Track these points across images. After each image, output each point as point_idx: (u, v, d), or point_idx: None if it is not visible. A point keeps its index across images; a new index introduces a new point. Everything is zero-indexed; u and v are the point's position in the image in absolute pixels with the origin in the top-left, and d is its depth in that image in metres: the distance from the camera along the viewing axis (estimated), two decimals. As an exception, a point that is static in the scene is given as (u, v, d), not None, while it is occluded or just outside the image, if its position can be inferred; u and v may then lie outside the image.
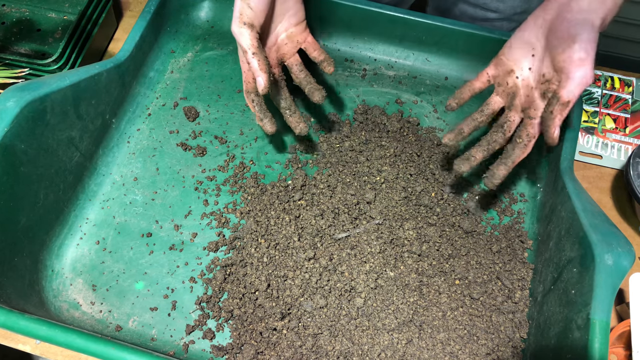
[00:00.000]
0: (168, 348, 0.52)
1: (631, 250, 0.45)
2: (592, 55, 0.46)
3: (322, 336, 0.52)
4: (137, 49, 0.64)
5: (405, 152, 0.62)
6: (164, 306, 0.55)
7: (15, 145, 0.50)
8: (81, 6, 0.66)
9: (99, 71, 0.58)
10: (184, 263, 0.57)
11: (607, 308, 0.43)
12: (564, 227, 0.52)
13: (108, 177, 0.62)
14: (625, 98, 0.69)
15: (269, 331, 0.52)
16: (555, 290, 0.51)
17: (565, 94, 0.46)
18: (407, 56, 0.71)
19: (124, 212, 0.60)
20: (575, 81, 0.46)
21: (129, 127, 0.65)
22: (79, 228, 0.59)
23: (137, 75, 0.66)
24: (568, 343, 0.46)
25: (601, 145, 0.66)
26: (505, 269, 0.56)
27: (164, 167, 0.63)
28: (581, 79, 0.46)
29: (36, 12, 0.66)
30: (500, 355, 0.52)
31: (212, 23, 0.73)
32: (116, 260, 0.57)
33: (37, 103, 0.52)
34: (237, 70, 0.69)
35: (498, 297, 0.55)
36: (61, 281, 0.56)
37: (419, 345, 0.52)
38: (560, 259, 0.51)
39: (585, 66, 0.46)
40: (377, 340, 0.52)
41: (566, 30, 0.47)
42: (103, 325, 0.53)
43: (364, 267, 0.55)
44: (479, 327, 0.53)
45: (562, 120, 0.48)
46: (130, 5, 0.76)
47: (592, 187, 0.63)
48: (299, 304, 0.54)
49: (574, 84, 0.46)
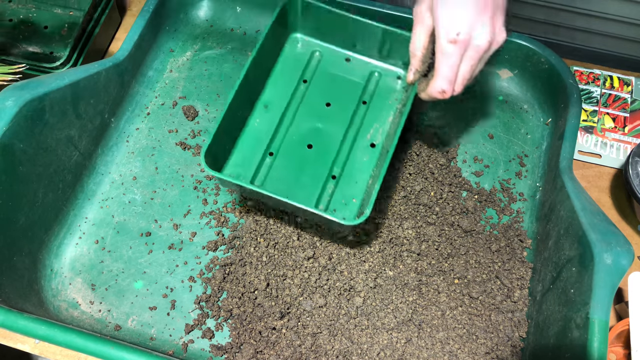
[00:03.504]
0: (167, 347, 0.52)
1: (630, 249, 0.45)
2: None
3: (322, 335, 0.52)
4: (136, 48, 0.64)
5: (404, 151, 0.62)
6: (163, 305, 0.55)
7: (14, 145, 0.50)
8: (87, 3, 0.66)
9: (97, 70, 0.58)
10: (183, 262, 0.57)
11: (606, 307, 0.43)
12: (563, 227, 0.52)
13: (107, 176, 0.62)
14: (624, 97, 0.69)
15: (268, 330, 0.52)
16: (554, 289, 0.51)
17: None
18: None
19: (123, 212, 0.60)
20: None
21: (128, 127, 0.65)
22: (78, 227, 0.59)
23: (136, 74, 0.66)
24: (567, 342, 0.46)
25: (600, 144, 0.66)
26: (505, 268, 0.56)
27: (163, 166, 0.62)
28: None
29: (42, 8, 0.66)
30: (500, 355, 0.52)
31: (211, 22, 0.72)
32: (115, 259, 0.57)
33: (36, 102, 0.52)
34: (236, 69, 0.69)
35: (497, 296, 0.55)
36: (60, 280, 0.56)
37: (418, 344, 0.52)
38: (560, 258, 0.51)
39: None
40: (376, 340, 0.52)
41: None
42: (102, 325, 0.53)
43: (363, 267, 0.55)
44: (478, 326, 0.53)
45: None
46: (130, 4, 0.76)
47: (591, 186, 0.63)
48: (298, 303, 0.54)
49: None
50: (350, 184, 0.56)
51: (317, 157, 0.57)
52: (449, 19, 0.45)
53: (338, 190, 0.56)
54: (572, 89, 0.60)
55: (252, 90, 0.58)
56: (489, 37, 0.46)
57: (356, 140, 0.58)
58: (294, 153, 0.57)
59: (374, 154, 0.57)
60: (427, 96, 0.52)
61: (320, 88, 0.61)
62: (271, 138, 0.58)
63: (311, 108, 0.59)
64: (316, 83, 0.61)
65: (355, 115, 0.59)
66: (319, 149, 0.57)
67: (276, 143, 0.58)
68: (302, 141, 0.58)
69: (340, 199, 0.55)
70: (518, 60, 0.66)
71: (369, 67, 0.62)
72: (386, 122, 0.59)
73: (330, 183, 0.56)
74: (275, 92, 0.60)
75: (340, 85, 0.61)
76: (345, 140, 0.58)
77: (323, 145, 0.58)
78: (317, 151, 0.57)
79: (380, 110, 0.60)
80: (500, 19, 0.47)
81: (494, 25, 0.46)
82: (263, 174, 0.56)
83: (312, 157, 0.57)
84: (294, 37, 0.62)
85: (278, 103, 0.59)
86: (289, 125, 0.58)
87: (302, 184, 0.55)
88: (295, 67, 0.61)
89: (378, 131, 0.58)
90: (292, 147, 0.57)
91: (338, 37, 0.61)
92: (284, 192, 0.55)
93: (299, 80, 0.61)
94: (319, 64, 0.62)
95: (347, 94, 0.60)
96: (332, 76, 0.61)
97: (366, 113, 0.60)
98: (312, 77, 0.61)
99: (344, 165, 0.57)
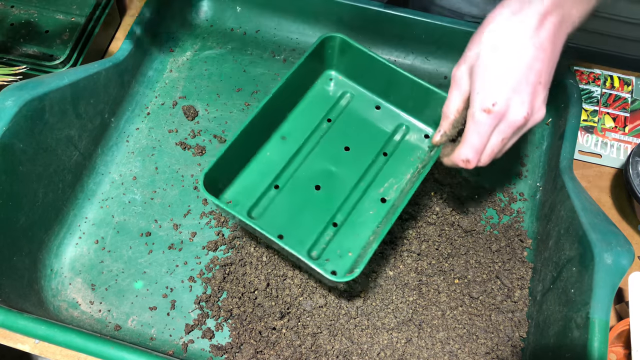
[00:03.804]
0: (167, 347, 0.52)
1: (630, 249, 0.45)
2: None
3: (322, 335, 0.52)
4: (136, 48, 0.64)
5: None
6: (163, 305, 0.55)
7: (14, 145, 0.50)
8: (89, 8, 0.66)
9: (97, 70, 0.58)
10: (183, 262, 0.57)
11: (607, 307, 0.43)
12: (563, 226, 0.52)
13: (107, 176, 0.62)
14: (624, 97, 0.69)
15: (268, 330, 0.52)
16: (554, 289, 0.51)
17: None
18: (407, 55, 0.70)
19: (123, 212, 0.60)
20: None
21: (128, 126, 0.65)
22: (78, 227, 0.59)
23: (136, 74, 0.66)
24: (567, 342, 0.46)
25: (600, 144, 0.66)
26: (505, 268, 0.56)
27: (163, 166, 0.62)
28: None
29: (44, 13, 0.66)
30: (500, 354, 0.52)
31: (212, 22, 0.72)
32: (115, 259, 0.57)
33: (36, 102, 0.52)
34: (236, 69, 0.69)
35: (497, 296, 0.54)
36: (60, 280, 0.56)
37: (418, 344, 0.52)
38: (560, 258, 0.51)
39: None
40: (377, 340, 0.52)
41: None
42: (102, 325, 0.53)
43: (363, 266, 0.55)
44: (479, 326, 0.53)
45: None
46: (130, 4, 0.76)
47: (591, 186, 0.63)
48: (299, 303, 0.54)
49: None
50: (350, 236, 0.53)
51: (322, 200, 0.55)
52: (487, 87, 0.43)
53: (336, 239, 0.53)
54: (572, 88, 0.60)
55: (271, 120, 0.56)
56: (526, 114, 0.43)
57: (367, 191, 0.56)
58: (300, 191, 0.55)
59: (382, 209, 0.54)
60: (450, 162, 0.49)
61: (343, 130, 0.58)
62: (280, 171, 0.56)
63: (329, 149, 0.57)
64: (340, 124, 0.59)
65: (372, 165, 0.57)
66: (327, 192, 0.55)
67: (284, 177, 0.56)
68: (311, 180, 0.56)
69: (336, 249, 0.53)
70: (518, 60, 0.66)
71: (398, 119, 0.59)
72: (403, 178, 0.56)
73: (330, 230, 0.53)
74: (296, 126, 0.58)
75: (364, 131, 0.58)
76: (355, 189, 0.55)
77: (332, 189, 0.55)
78: (325, 194, 0.55)
79: (399, 165, 0.57)
80: (542, 96, 0.44)
81: (533, 101, 0.43)
82: (263, 206, 0.54)
83: (318, 199, 0.55)
84: (328, 73, 0.61)
85: (296, 137, 0.57)
86: (302, 162, 0.56)
87: (300, 225, 0.53)
88: (323, 104, 0.59)
89: (392, 187, 0.56)
90: (299, 185, 0.55)
91: (372, 82, 0.59)
92: (280, 229, 0.53)
93: (323, 118, 0.59)
94: (347, 105, 0.60)
95: (369, 142, 0.58)
96: (358, 120, 0.59)
97: (384, 165, 0.57)
98: (338, 117, 0.59)
99: (349, 214, 0.54)
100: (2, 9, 0.66)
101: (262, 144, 0.57)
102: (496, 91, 0.42)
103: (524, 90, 0.42)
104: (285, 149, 0.57)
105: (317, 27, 0.71)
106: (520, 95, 0.42)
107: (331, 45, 0.58)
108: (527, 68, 0.42)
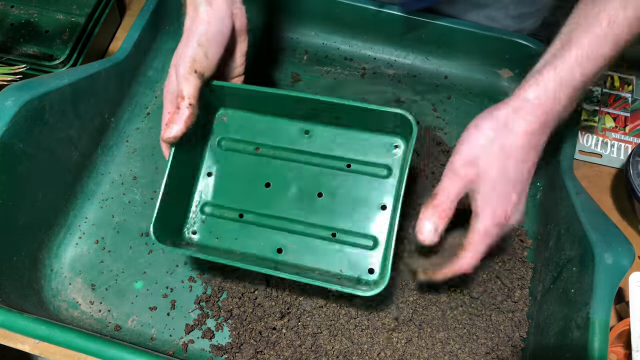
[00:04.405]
0: (167, 347, 0.52)
1: (631, 249, 0.45)
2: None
3: (322, 335, 0.52)
4: (136, 48, 0.64)
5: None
6: (163, 305, 0.55)
7: (13, 145, 0.50)
8: (89, 8, 0.66)
9: (97, 70, 0.58)
10: (183, 262, 0.57)
11: (607, 307, 0.43)
12: (563, 226, 0.52)
13: (107, 176, 0.62)
14: (625, 97, 0.69)
15: (268, 330, 0.52)
16: (554, 289, 0.51)
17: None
18: (407, 55, 0.70)
19: (123, 212, 0.59)
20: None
21: (128, 126, 0.65)
22: (77, 227, 0.59)
23: (136, 74, 0.66)
24: (567, 342, 0.46)
25: (601, 144, 0.66)
26: (505, 268, 0.56)
27: (163, 166, 0.62)
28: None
29: (44, 13, 0.66)
30: (500, 354, 0.52)
31: (211, 22, 0.72)
32: (115, 259, 0.57)
33: (36, 102, 0.52)
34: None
35: (498, 296, 0.54)
36: (60, 280, 0.56)
37: (418, 344, 0.52)
38: (560, 258, 0.51)
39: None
40: (377, 340, 0.52)
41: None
42: (102, 325, 0.53)
43: (363, 266, 0.55)
44: (479, 326, 0.53)
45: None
46: (130, 4, 0.76)
47: (591, 186, 0.63)
48: (299, 303, 0.54)
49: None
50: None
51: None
52: (500, 202, 0.44)
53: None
54: (572, 88, 0.60)
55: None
56: (519, 218, 0.46)
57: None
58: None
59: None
60: (442, 276, 0.47)
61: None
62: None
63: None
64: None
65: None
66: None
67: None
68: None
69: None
70: (518, 60, 0.66)
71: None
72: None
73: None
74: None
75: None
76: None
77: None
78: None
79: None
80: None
81: (510, 209, 0.45)
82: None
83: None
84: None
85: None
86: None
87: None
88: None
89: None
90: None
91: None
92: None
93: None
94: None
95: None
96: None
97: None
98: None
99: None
100: (2, 9, 0.66)
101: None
102: (507, 204, 0.44)
103: (522, 197, 0.45)
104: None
105: (317, 27, 0.71)
106: (520, 202, 0.45)
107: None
108: (522, 180, 0.45)
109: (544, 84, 0.43)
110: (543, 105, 0.43)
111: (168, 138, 0.47)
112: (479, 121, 0.45)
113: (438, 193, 0.45)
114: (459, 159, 0.45)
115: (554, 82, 0.43)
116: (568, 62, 0.43)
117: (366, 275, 0.50)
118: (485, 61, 0.68)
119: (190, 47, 0.46)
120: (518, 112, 0.43)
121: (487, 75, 0.69)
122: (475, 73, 0.69)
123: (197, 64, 0.46)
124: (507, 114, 0.44)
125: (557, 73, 0.43)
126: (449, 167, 0.45)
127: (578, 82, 0.43)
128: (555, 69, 0.43)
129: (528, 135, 0.43)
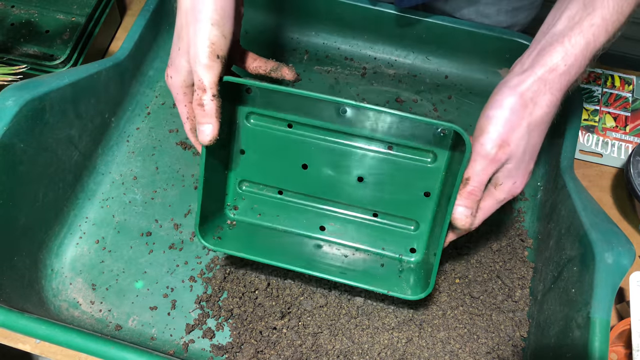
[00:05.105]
0: (168, 347, 0.52)
1: (631, 248, 0.45)
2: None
3: (322, 335, 0.52)
4: (137, 47, 0.64)
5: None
6: (163, 305, 0.55)
7: (14, 144, 0.50)
8: (89, 8, 0.66)
9: (98, 70, 0.58)
10: (183, 262, 0.57)
11: (608, 307, 0.43)
12: (564, 226, 0.52)
13: (107, 176, 0.62)
14: (625, 96, 0.69)
15: (268, 330, 0.52)
16: (555, 289, 0.51)
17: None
18: (407, 55, 0.70)
19: (124, 211, 0.60)
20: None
21: (129, 126, 0.65)
22: (78, 227, 0.59)
23: (137, 74, 0.66)
24: (568, 342, 0.46)
25: (601, 143, 0.66)
26: (506, 267, 0.56)
27: (164, 166, 0.62)
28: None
29: (45, 13, 0.66)
30: (501, 354, 0.52)
31: (212, 21, 0.72)
32: (116, 259, 0.57)
33: (36, 102, 0.52)
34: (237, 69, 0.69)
35: (498, 296, 0.54)
36: (61, 280, 0.56)
37: (419, 344, 0.52)
38: (561, 258, 0.51)
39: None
40: (377, 339, 0.52)
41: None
42: (103, 325, 0.53)
43: (363, 266, 0.55)
44: (479, 326, 0.53)
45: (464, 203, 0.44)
46: (130, 4, 0.76)
47: (592, 186, 0.63)
48: (299, 303, 0.54)
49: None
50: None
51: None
52: (519, 176, 0.45)
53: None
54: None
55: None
56: (521, 189, 0.46)
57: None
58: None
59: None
60: (454, 235, 0.48)
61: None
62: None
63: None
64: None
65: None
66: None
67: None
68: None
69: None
70: (519, 60, 0.66)
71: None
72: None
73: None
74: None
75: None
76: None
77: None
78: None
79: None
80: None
81: (527, 178, 0.46)
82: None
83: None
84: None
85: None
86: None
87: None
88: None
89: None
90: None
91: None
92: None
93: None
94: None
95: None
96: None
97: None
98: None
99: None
100: (3, 9, 0.66)
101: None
102: (523, 178, 0.46)
103: (529, 167, 0.46)
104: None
105: (317, 27, 0.71)
106: (528, 174, 0.46)
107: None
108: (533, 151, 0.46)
109: (571, 47, 0.41)
110: (568, 73, 0.42)
111: (210, 142, 0.43)
112: (503, 99, 0.43)
113: (471, 178, 0.44)
114: (489, 140, 0.43)
115: (580, 46, 0.41)
116: (596, 23, 0.40)
117: (408, 254, 0.51)
118: (485, 61, 0.68)
119: (203, 30, 0.41)
120: (545, 84, 0.42)
121: (487, 75, 0.69)
122: (476, 73, 0.69)
123: (217, 47, 0.41)
124: (533, 89, 0.42)
125: (583, 36, 0.41)
126: (479, 151, 0.43)
127: (600, 45, 0.41)
128: (582, 31, 0.41)
129: (551, 107, 0.43)
